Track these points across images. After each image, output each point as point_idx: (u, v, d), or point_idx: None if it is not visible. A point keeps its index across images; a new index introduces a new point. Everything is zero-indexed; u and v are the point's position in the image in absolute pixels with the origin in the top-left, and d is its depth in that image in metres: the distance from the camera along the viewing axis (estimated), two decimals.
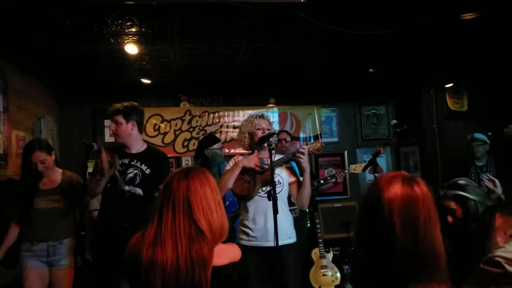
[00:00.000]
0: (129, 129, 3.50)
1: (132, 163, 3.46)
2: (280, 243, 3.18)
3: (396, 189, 1.29)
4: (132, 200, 3.39)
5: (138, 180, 3.42)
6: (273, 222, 3.11)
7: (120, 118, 3.48)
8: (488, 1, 3.50)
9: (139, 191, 3.41)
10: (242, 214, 3.53)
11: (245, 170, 3.40)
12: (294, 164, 3.62)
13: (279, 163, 3.46)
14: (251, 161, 3.39)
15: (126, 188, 3.39)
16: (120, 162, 3.44)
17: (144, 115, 5.98)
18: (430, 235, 1.25)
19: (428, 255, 1.23)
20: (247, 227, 3.43)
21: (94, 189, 3.37)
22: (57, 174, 3.74)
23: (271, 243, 3.16)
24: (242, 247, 3.30)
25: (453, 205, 2.28)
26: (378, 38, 4.08)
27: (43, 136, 5.18)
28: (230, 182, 3.35)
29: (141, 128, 3.63)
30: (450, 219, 2.29)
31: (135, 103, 3.63)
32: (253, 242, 3.39)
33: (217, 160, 4.48)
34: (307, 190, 3.45)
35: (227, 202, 4.33)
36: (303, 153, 3.36)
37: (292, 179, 3.57)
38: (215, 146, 4.53)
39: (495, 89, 6.00)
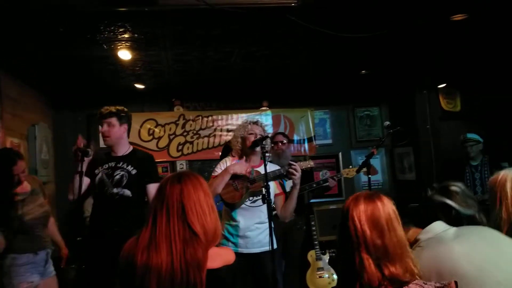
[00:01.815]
0: (122, 131, 3.52)
1: (118, 165, 3.46)
2: (259, 250, 3.44)
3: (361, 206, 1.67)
4: (121, 203, 3.40)
5: (125, 181, 3.42)
6: (255, 232, 3.39)
7: (114, 120, 3.49)
8: (477, 2, 3.53)
9: (127, 192, 3.42)
10: (225, 218, 3.57)
11: (234, 177, 3.43)
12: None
13: (272, 178, 3.50)
14: (243, 168, 3.42)
15: (114, 190, 3.40)
16: (107, 165, 3.46)
17: (139, 119, 6.15)
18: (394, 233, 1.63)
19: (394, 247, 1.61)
20: (228, 232, 3.49)
21: (74, 187, 3.26)
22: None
23: (250, 250, 3.38)
24: None
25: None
26: (370, 40, 4.11)
27: (38, 142, 5.19)
28: (219, 188, 3.38)
29: (129, 133, 3.65)
30: None
31: (126, 109, 3.64)
32: (233, 248, 3.44)
33: None
34: (292, 204, 3.51)
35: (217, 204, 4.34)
36: (296, 170, 3.41)
37: (278, 191, 3.62)
38: None
39: (488, 89, 6.04)
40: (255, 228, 3.44)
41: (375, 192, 1.74)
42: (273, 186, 3.58)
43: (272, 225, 3.31)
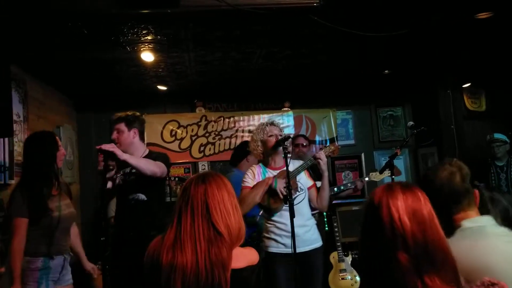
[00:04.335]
0: (131, 137, 3.50)
1: (133, 170, 3.39)
2: (309, 248, 3.43)
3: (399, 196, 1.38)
4: (137, 207, 3.41)
5: (139, 185, 3.42)
6: (300, 229, 3.33)
7: (122, 126, 3.49)
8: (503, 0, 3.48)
9: (142, 196, 3.41)
10: (267, 222, 3.57)
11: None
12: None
13: (300, 170, 3.52)
14: (279, 184, 3.41)
15: (129, 196, 3.43)
16: (123, 171, 3.46)
17: (161, 121, 6.20)
18: (436, 229, 1.35)
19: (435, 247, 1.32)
20: (275, 234, 3.47)
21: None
22: None
23: (300, 249, 3.28)
24: (270, 254, 3.44)
25: None
26: (392, 39, 4.06)
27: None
28: (257, 198, 3.41)
29: (143, 137, 3.64)
30: None
31: (138, 113, 3.64)
32: (281, 249, 3.44)
33: None
34: (326, 192, 3.54)
35: None
36: (320, 158, 3.45)
37: (311, 182, 3.63)
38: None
39: None
40: (302, 226, 3.42)
41: (411, 183, 1.47)
42: (305, 178, 3.59)
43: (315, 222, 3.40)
